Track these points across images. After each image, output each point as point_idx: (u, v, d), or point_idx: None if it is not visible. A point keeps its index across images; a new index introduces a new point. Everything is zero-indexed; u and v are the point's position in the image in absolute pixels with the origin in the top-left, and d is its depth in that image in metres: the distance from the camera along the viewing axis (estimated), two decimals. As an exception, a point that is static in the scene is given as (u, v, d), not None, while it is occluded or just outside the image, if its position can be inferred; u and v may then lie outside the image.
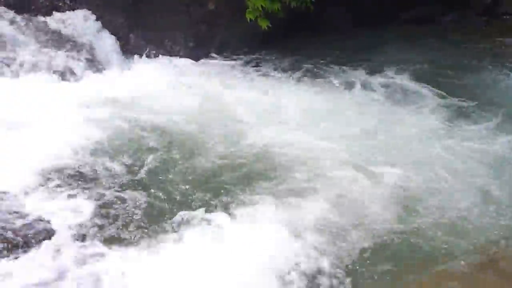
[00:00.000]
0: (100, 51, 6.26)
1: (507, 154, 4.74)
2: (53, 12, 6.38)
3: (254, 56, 7.08)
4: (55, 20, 6.34)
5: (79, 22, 6.36)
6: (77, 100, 5.31)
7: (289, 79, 6.45)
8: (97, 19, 6.52)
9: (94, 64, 6.10)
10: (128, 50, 6.63)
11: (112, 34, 6.52)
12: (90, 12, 6.52)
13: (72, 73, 5.84)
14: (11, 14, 6.16)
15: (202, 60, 6.90)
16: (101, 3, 6.59)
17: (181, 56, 6.81)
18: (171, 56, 6.76)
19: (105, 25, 6.56)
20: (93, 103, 5.31)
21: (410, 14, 8.50)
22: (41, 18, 6.26)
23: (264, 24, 6.52)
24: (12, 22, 6.11)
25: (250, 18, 6.48)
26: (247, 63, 6.89)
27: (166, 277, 3.24)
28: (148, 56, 6.66)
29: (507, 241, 3.66)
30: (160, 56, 6.72)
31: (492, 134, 5.09)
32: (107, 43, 6.41)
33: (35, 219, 3.67)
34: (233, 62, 6.86)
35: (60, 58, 5.88)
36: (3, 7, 6.18)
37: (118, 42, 6.52)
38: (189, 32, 6.91)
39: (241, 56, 7.04)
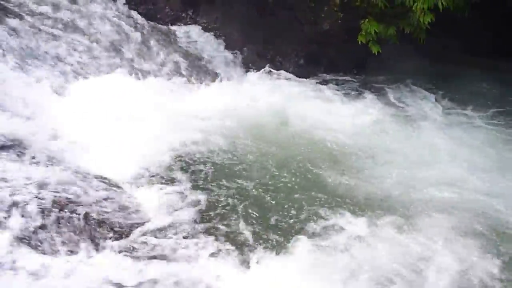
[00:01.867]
0: (216, 62, 6.62)
1: None
2: (176, 23, 6.87)
3: (362, 78, 7.06)
4: (177, 30, 6.82)
5: (199, 34, 6.77)
6: (194, 106, 5.61)
7: (399, 104, 6.37)
8: (215, 32, 6.91)
9: (210, 74, 6.45)
10: (242, 63, 6.92)
11: (228, 46, 6.85)
12: (209, 25, 6.93)
13: (189, 80, 6.21)
14: (140, 20, 6.73)
15: (311, 78, 7.01)
16: (220, 17, 6.96)
17: (290, 73, 6.96)
18: (281, 71, 6.92)
19: (222, 38, 6.91)
20: (207, 109, 5.55)
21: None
22: (165, 27, 6.77)
23: (375, 49, 6.47)
24: (140, 28, 6.67)
25: (361, 41, 6.48)
26: (356, 84, 6.91)
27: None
28: (259, 70, 6.89)
29: None
30: (271, 71, 6.91)
31: None
32: (223, 55, 6.76)
33: (138, 209, 3.98)
34: (341, 83, 6.91)
35: (180, 65, 6.28)
36: (135, 12, 6.73)
37: (233, 55, 6.84)
38: (300, 49, 7.04)
39: (350, 78, 7.07)
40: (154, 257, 3.48)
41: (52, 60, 5.49)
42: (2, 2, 5.65)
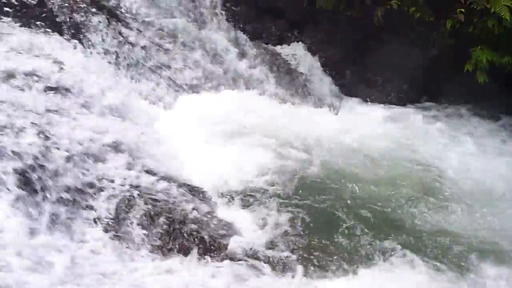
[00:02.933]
0: (317, 84, 6.64)
1: None
2: (281, 42, 7.00)
3: (468, 107, 6.70)
4: (282, 50, 6.95)
5: (303, 55, 6.84)
6: (294, 127, 5.57)
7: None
8: (318, 53, 6.94)
9: (310, 95, 6.49)
10: (342, 86, 6.87)
11: (330, 69, 6.84)
12: (313, 45, 6.97)
13: (290, 101, 6.27)
14: (245, 39, 6.95)
15: (415, 106, 6.79)
16: (325, 38, 6.97)
17: (392, 98, 6.79)
18: (383, 97, 6.77)
19: (325, 60, 6.92)
20: (307, 132, 5.51)
21: None
22: (269, 46, 6.92)
23: (481, 79, 6.13)
24: (246, 47, 6.88)
25: (468, 69, 6.18)
26: (465, 114, 6.60)
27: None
28: (360, 94, 6.79)
29: None
30: (372, 96, 6.79)
31: None
32: (322, 78, 6.76)
33: (230, 223, 4.09)
34: (450, 113, 6.62)
35: (283, 86, 6.39)
36: (241, 31, 6.96)
37: (335, 77, 6.83)
38: (405, 75, 6.83)
39: (457, 107, 6.73)
40: (247, 271, 3.55)
41: (163, 73, 5.82)
42: (125, 18, 6.10)
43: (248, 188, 4.47)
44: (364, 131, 5.78)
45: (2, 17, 5.17)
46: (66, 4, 5.73)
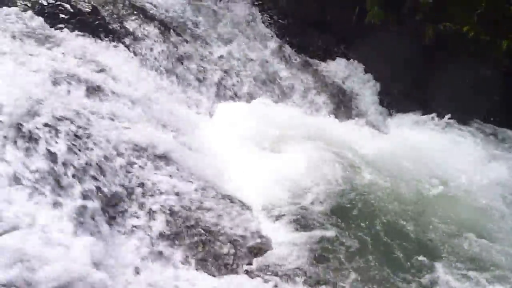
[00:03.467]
0: (362, 99, 6.54)
1: None
2: (327, 56, 6.95)
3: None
4: (327, 64, 6.91)
5: (348, 69, 6.77)
6: (337, 142, 5.46)
7: None
8: (364, 69, 6.85)
9: (354, 111, 6.40)
10: (388, 103, 6.73)
11: (376, 84, 6.73)
12: (359, 61, 6.89)
13: (334, 115, 6.21)
14: (291, 52, 6.94)
15: (467, 126, 6.56)
16: (372, 55, 6.87)
17: (440, 117, 6.58)
18: (431, 115, 6.58)
19: (370, 75, 6.83)
20: (351, 147, 5.40)
21: None
22: (314, 60, 6.89)
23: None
24: (290, 60, 6.87)
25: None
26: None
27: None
28: (406, 112, 6.63)
29: None
30: (419, 115, 6.61)
31: None
32: (368, 94, 6.65)
33: (262, 235, 4.01)
34: (502, 134, 6.40)
35: (325, 99, 6.33)
36: (288, 44, 6.96)
37: (380, 93, 6.71)
38: (455, 94, 6.61)
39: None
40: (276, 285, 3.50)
41: (207, 82, 5.87)
42: (174, 28, 6.22)
43: (289, 202, 4.40)
44: (411, 150, 5.59)
45: (58, 24, 5.35)
46: (118, 13, 5.89)
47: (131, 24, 5.86)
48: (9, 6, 5.19)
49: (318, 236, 4.03)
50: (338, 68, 6.84)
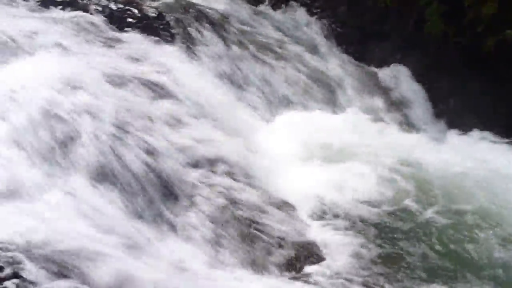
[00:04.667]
0: (418, 111, 6.50)
1: None
2: (384, 65, 6.94)
3: None
4: (384, 73, 6.90)
5: (405, 80, 6.71)
6: (394, 153, 5.28)
7: None
8: (421, 80, 6.77)
9: (410, 122, 6.37)
10: (444, 114, 6.61)
11: (433, 97, 6.65)
12: (416, 71, 6.82)
13: (382, 123, 6.15)
14: (348, 60, 6.98)
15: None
16: (430, 64, 6.78)
17: (498, 131, 6.32)
18: (489, 128, 6.31)
19: (426, 86, 6.74)
20: (408, 161, 5.20)
21: None
22: (372, 69, 6.89)
23: None
24: (347, 68, 6.90)
25: None
26: None
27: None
28: (461, 125, 6.46)
29: None
30: (477, 127, 6.38)
31: None
32: (423, 103, 6.59)
33: (314, 245, 4.01)
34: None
35: (382, 109, 6.36)
36: (345, 55, 7.00)
37: (437, 106, 6.63)
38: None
39: None
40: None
41: (265, 87, 6.00)
42: (235, 34, 6.39)
43: (344, 212, 4.37)
44: (468, 164, 5.33)
45: (125, 27, 5.66)
46: (182, 19, 6.15)
47: (194, 29, 6.09)
48: (82, 11, 5.56)
49: (374, 252, 3.96)
50: (393, 76, 6.80)
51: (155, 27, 5.86)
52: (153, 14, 6.01)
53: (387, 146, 5.48)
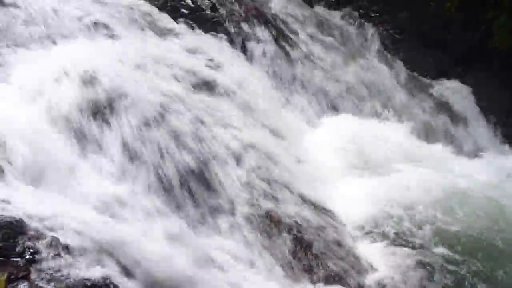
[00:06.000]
0: (472, 127, 6.16)
1: None
2: (441, 77, 6.61)
3: None
4: (440, 85, 6.56)
5: (462, 94, 6.39)
6: (446, 171, 5.11)
7: None
8: (480, 95, 6.42)
9: (465, 139, 6.01)
10: (506, 134, 6.24)
11: (492, 113, 6.30)
12: (476, 86, 6.47)
13: (433, 138, 5.86)
14: (402, 69, 6.67)
15: None
16: (493, 80, 6.42)
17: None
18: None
19: (488, 103, 6.37)
20: (457, 178, 4.98)
21: None
22: (427, 79, 6.58)
23: None
24: (401, 77, 6.60)
25: None
26: None
27: None
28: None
29: None
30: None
31: None
32: (482, 121, 6.25)
33: (354, 254, 3.85)
34: None
35: (434, 123, 6.03)
36: (400, 62, 6.70)
37: (496, 124, 6.27)
38: None
39: None
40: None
41: (314, 92, 5.79)
42: (288, 34, 6.20)
43: (391, 225, 4.19)
44: None
45: (178, 17, 5.53)
46: (235, 13, 5.97)
47: (246, 25, 5.93)
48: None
49: (423, 262, 3.79)
50: (452, 92, 6.45)
51: (208, 20, 5.72)
52: (207, 7, 5.86)
53: (438, 164, 5.27)
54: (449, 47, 6.65)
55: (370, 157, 4.95)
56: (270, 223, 3.77)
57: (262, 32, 5.93)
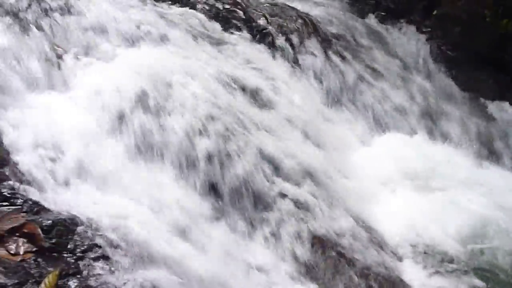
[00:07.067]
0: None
1: None
2: (497, 98, 6.39)
3: None
4: (493, 106, 6.36)
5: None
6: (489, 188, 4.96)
7: None
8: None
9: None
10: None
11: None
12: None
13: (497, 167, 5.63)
14: (457, 89, 6.48)
15: None
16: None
17: None
18: None
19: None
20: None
21: None
22: (484, 101, 6.37)
23: None
24: (451, 95, 6.43)
25: None
26: None
27: None
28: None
29: None
30: None
31: None
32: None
33: (398, 277, 3.76)
34: None
35: (488, 146, 5.83)
36: (452, 81, 6.52)
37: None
38: None
39: None
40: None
41: (365, 107, 5.71)
42: (339, 47, 6.14)
43: (442, 250, 4.08)
44: None
45: (229, 28, 5.57)
46: (286, 25, 5.98)
47: (296, 37, 5.91)
48: (189, 8, 5.55)
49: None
50: (510, 115, 6.21)
51: (259, 31, 5.74)
52: (258, 18, 5.90)
53: (495, 189, 5.03)
54: (507, 67, 6.38)
55: (422, 177, 4.84)
56: (313, 238, 3.76)
57: (313, 46, 5.91)
